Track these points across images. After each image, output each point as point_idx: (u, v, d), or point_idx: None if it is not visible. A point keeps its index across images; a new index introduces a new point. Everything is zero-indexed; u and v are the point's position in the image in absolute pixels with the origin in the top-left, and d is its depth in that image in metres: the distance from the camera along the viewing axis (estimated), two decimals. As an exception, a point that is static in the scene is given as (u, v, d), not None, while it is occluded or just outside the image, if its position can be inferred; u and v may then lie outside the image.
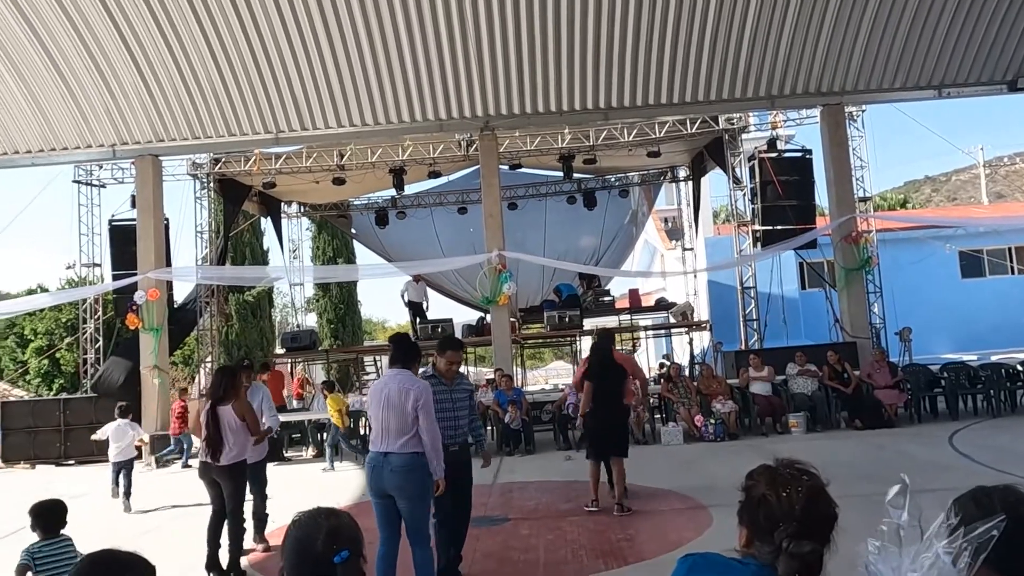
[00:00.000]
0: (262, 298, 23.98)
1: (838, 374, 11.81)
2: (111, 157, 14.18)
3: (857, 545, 1.43)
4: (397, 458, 4.46)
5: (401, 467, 4.45)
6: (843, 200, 13.63)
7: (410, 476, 4.46)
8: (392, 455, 4.47)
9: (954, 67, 12.87)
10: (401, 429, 4.47)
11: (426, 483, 4.53)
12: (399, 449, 4.46)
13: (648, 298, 21.73)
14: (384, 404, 4.52)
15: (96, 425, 13.94)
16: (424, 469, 4.49)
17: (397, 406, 4.47)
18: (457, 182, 19.36)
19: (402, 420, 4.47)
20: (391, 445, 4.48)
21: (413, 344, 5.02)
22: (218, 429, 5.76)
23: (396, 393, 4.51)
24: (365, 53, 12.12)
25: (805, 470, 1.59)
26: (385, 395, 4.55)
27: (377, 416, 4.58)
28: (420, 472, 4.48)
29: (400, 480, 4.45)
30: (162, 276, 13.95)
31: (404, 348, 4.82)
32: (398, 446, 4.46)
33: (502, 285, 13.30)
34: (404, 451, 4.45)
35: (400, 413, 4.46)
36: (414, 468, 4.46)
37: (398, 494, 4.48)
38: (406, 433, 4.46)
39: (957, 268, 21.58)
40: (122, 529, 7.47)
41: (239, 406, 5.86)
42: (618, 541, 6.06)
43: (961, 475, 7.06)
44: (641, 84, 12.92)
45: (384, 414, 4.52)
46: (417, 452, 4.47)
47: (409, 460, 4.45)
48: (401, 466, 4.45)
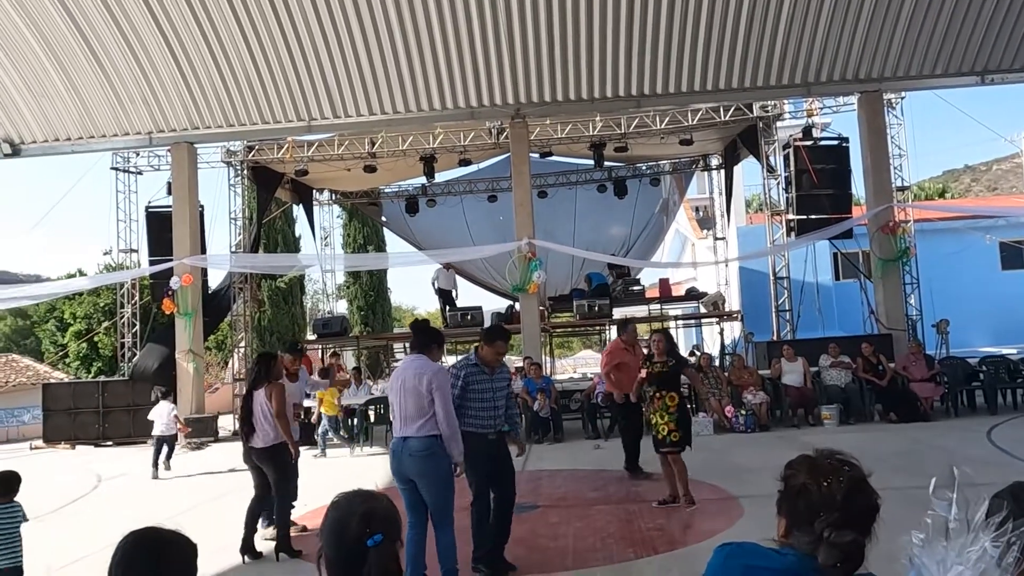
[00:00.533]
0: (294, 285, 24.27)
1: (872, 366, 11.62)
2: (148, 144, 14.42)
3: (895, 538, 1.41)
4: (416, 442, 4.48)
5: (419, 451, 4.47)
6: (880, 189, 13.36)
7: (429, 460, 4.48)
8: (411, 439, 4.50)
9: (998, 52, 12.50)
10: (418, 413, 4.49)
11: (446, 466, 4.54)
12: (416, 433, 4.49)
13: (678, 288, 21.56)
14: (400, 389, 4.58)
15: (133, 407, 14.34)
16: (443, 452, 4.51)
17: (413, 390, 4.51)
18: (487, 170, 19.34)
19: (418, 404, 4.50)
20: (409, 429, 4.52)
21: (432, 330, 5.06)
22: (249, 413, 5.90)
23: (412, 377, 4.55)
24: (397, 41, 12.14)
25: (846, 460, 1.57)
26: (401, 380, 4.61)
27: (396, 402, 4.63)
28: (439, 456, 4.49)
29: (419, 464, 4.48)
30: (197, 263, 14.19)
31: (423, 334, 4.86)
32: (415, 429, 4.49)
33: (532, 273, 13.29)
34: (421, 434, 4.48)
35: (416, 397, 4.50)
36: (433, 452, 4.48)
37: (418, 478, 4.50)
38: (423, 416, 4.49)
39: (997, 259, 21.06)
40: (161, 508, 7.65)
41: (270, 389, 5.93)
42: (648, 531, 6.05)
43: (1001, 471, 6.91)
44: (674, 71, 12.76)
45: (401, 399, 4.58)
46: (435, 435, 4.48)
47: (427, 443, 4.47)
48: (419, 450, 4.47)
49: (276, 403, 5.91)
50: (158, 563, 1.70)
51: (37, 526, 7.34)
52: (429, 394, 4.47)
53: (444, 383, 4.57)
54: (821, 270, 16.95)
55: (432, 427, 4.49)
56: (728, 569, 1.61)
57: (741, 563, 1.60)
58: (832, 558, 1.49)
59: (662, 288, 19.06)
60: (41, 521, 7.60)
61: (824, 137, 14.88)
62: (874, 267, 13.49)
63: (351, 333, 18.96)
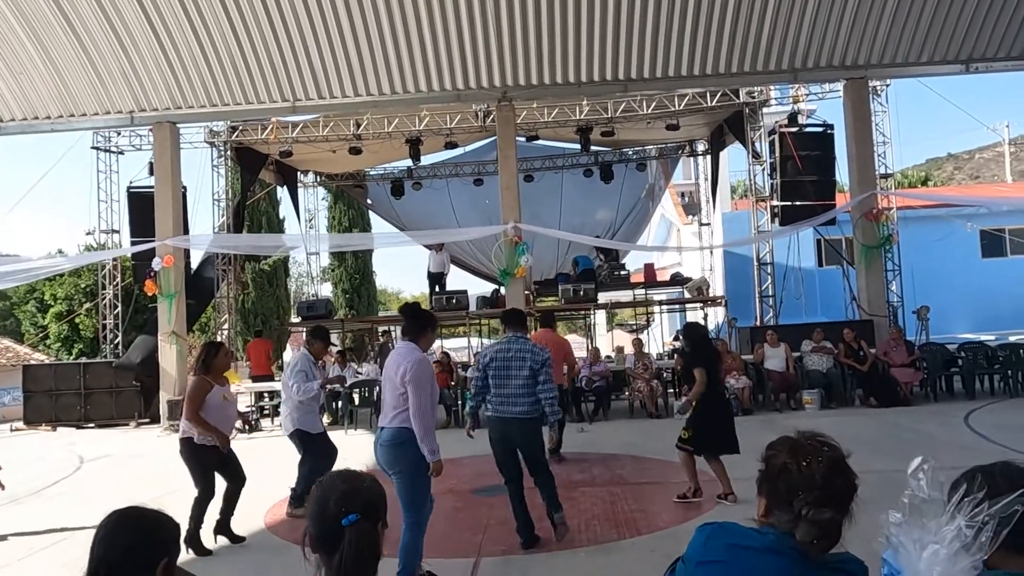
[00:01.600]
0: (278, 267, 24.15)
1: (854, 352, 11.75)
2: (129, 124, 14.22)
3: (874, 519, 1.43)
4: (386, 432, 4.37)
5: (388, 441, 4.35)
6: (864, 176, 13.45)
7: (395, 450, 4.33)
8: (384, 429, 4.39)
9: (983, 41, 12.57)
10: (394, 403, 4.35)
11: (414, 459, 4.30)
12: (388, 423, 4.37)
13: (663, 273, 21.63)
14: (384, 378, 4.50)
15: (116, 389, 14.26)
16: (413, 444, 4.29)
17: (390, 379, 4.39)
18: (473, 153, 19.27)
19: (394, 394, 4.35)
20: (384, 419, 4.42)
21: (423, 313, 4.80)
22: None
23: (392, 367, 4.39)
24: (383, 21, 12.02)
25: (826, 442, 1.60)
26: (387, 368, 4.49)
27: (382, 391, 4.59)
28: (406, 447, 4.30)
29: (386, 454, 4.36)
30: (179, 244, 14.05)
31: (413, 318, 4.61)
32: (388, 420, 4.38)
33: (519, 257, 13.29)
34: (392, 425, 4.35)
35: (392, 387, 4.35)
36: (400, 443, 4.31)
37: (388, 469, 4.37)
38: (398, 407, 4.33)
39: (978, 247, 21.31)
40: (145, 489, 7.62)
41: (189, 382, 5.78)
42: (632, 512, 6.11)
43: (977, 454, 7.03)
44: (661, 55, 12.73)
45: (384, 387, 4.52)
46: (404, 427, 4.30)
47: (395, 434, 4.33)
48: (388, 440, 4.35)
49: (185, 402, 5.57)
50: (141, 541, 1.71)
51: (18, 508, 7.31)
52: (403, 386, 4.27)
53: (419, 376, 4.29)
54: (804, 256, 17.06)
55: (403, 419, 4.31)
56: (710, 548, 1.63)
57: (723, 542, 1.62)
58: (810, 535, 1.52)
59: (647, 273, 19.12)
60: (21, 503, 7.56)
61: (809, 124, 14.93)
62: (857, 254, 13.61)
63: (336, 316, 18.89)
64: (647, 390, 11.72)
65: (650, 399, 11.66)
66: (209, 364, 5.63)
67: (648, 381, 11.83)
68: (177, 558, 1.79)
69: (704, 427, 6.23)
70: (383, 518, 1.75)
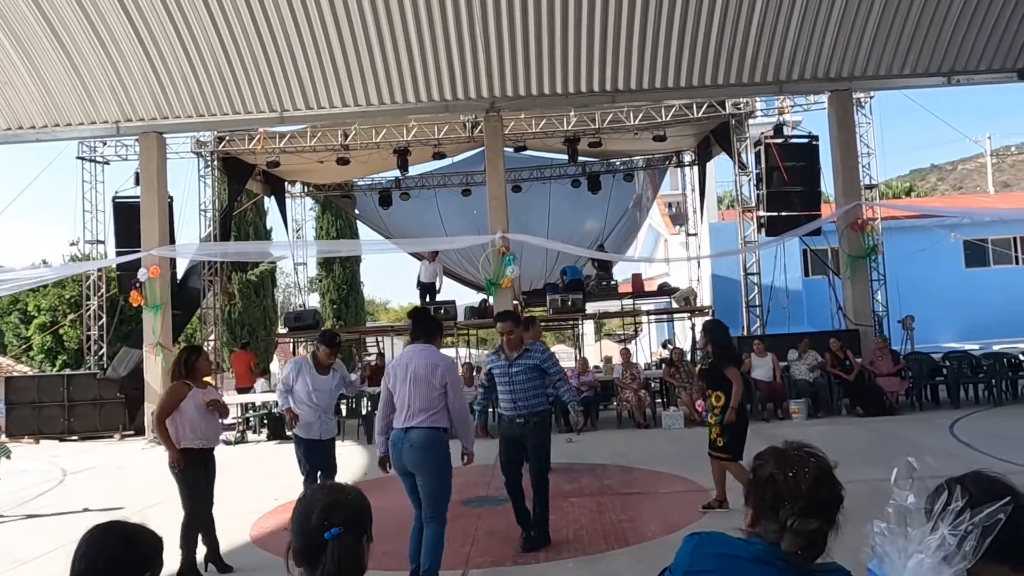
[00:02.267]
0: (265, 277, 24.01)
1: (840, 361, 11.82)
2: (115, 134, 14.13)
3: (860, 528, 1.44)
4: (417, 433, 4.43)
5: (420, 441, 4.43)
6: (849, 187, 13.57)
7: (429, 451, 4.44)
8: (413, 430, 4.45)
9: (964, 53, 12.75)
10: (426, 405, 4.44)
11: (444, 460, 4.47)
12: (419, 424, 4.44)
13: (651, 283, 21.70)
14: (411, 380, 4.49)
15: (100, 401, 14.12)
16: (444, 445, 4.46)
17: (424, 381, 4.46)
18: (461, 164, 19.29)
19: (429, 395, 4.45)
20: (412, 420, 4.46)
21: (433, 318, 5.08)
22: None
23: (423, 368, 4.48)
24: (371, 32, 12.04)
25: (813, 452, 1.60)
26: (412, 371, 4.49)
27: (400, 392, 4.52)
28: (439, 448, 4.45)
29: (418, 455, 4.44)
30: (165, 253, 13.96)
31: (425, 323, 4.82)
32: (418, 421, 4.44)
33: (505, 268, 13.29)
34: (424, 426, 4.44)
35: (428, 388, 4.44)
36: (435, 443, 4.45)
37: (416, 469, 4.46)
38: (431, 409, 4.45)
39: (961, 257, 21.54)
40: (129, 502, 7.53)
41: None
42: (620, 522, 6.10)
43: (963, 463, 7.06)
44: (648, 67, 12.82)
45: (409, 389, 4.49)
46: (438, 427, 4.46)
47: (429, 435, 4.44)
48: (420, 440, 4.43)
49: (156, 408, 5.32)
50: (123, 555, 1.69)
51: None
52: (442, 387, 4.44)
53: (457, 376, 4.61)
54: (791, 266, 17.18)
55: (438, 419, 4.46)
56: (697, 558, 1.63)
57: (711, 552, 1.62)
58: (795, 545, 1.52)
59: (635, 283, 19.17)
60: (2, 517, 7.46)
61: (795, 135, 15.07)
62: (842, 264, 13.71)
63: (323, 326, 18.80)
64: (635, 400, 11.73)
65: (638, 409, 11.67)
66: (192, 367, 5.33)
67: (636, 391, 11.84)
68: (160, 572, 1.77)
69: (740, 430, 5.99)
70: (368, 532, 1.73)
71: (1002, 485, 1.47)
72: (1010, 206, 24.12)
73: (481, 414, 7.07)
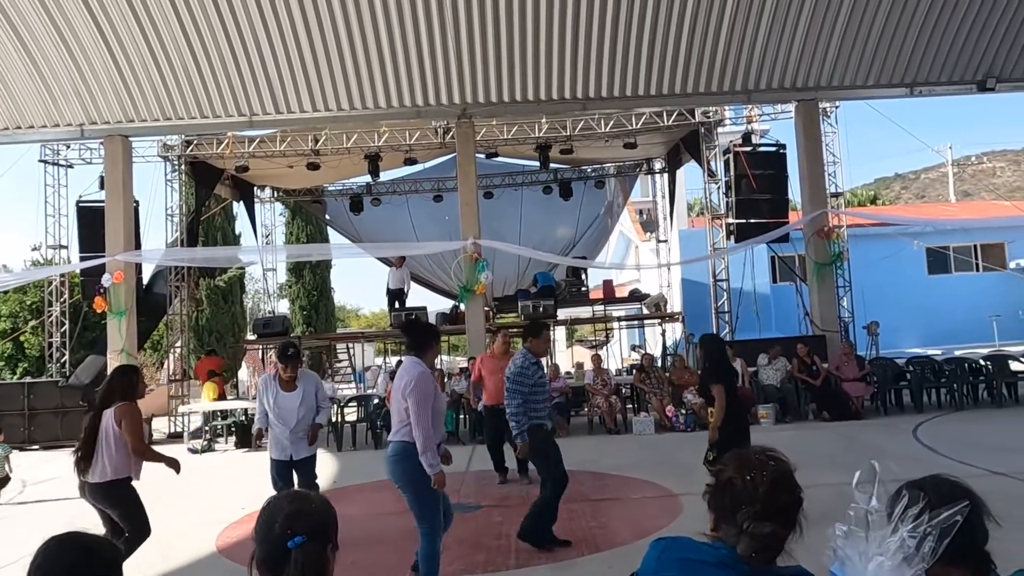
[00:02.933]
0: (234, 283, 23.68)
1: (807, 367, 11.99)
2: (79, 137, 13.87)
3: (825, 532, 1.46)
4: (394, 447, 4.49)
5: (392, 455, 4.47)
6: (815, 195, 13.79)
7: (399, 465, 4.44)
8: (391, 444, 4.53)
9: (926, 66, 13.05)
10: (398, 417, 4.49)
11: (416, 472, 4.37)
12: (394, 437, 4.51)
13: (622, 289, 21.84)
14: (393, 393, 4.62)
15: (62, 410, 13.80)
16: (414, 457, 4.36)
17: (398, 394, 4.51)
18: (433, 169, 19.25)
19: (398, 408, 4.49)
20: (393, 434, 4.55)
21: (424, 326, 5.19)
22: (93, 437, 4.69)
23: (398, 381, 4.56)
24: (341, 36, 11.98)
25: (773, 456, 1.62)
26: (395, 384, 4.64)
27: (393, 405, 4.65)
28: (410, 460, 4.37)
29: (392, 468, 4.49)
30: (131, 259, 13.72)
31: (415, 333, 4.77)
32: (394, 434, 4.52)
33: (478, 274, 13.28)
34: (395, 439, 4.48)
35: (399, 403, 4.49)
36: (404, 457, 4.41)
37: (397, 482, 4.50)
38: (403, 421, 4.45)
39: (924, 264, 22.00)
40: (89, 514, 7.36)
41: (121, 412, 4.70)
42: (591, 528, 6.12)
43: (925, 466, 7.21)
44: (619, 75, 12.93)
45: (393, 404, 4.61)
46: (406, 441, 4.42)
47: (399, 448, 4.44)
48: (392, 454, 4.48)
49: (131, 434, 4.69)
50: (80, 568, 1.65)
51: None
52: (404, 400, 4.41)
53: (421, 391, 4.38)
54: (759, 273, 17.40)
55: (406, 433, 4.43)
56: (663, 563, 1.64)
57: (676, 556, 1.63)
58: (749, 548, 1.54)
59: (606, 290, 19.28)
60: (-41, 529, 7.25)
61: (763, 144, 15.29)
62: (809, 270, 13.92)
63: (293, 333, 18.61)
64: (606, 406, 11.77)
65: (609, 415, 11.71)
66: (137, 388, 4.93)
67: (607, 397, 11.89)
68: (119, 585, 1.73)
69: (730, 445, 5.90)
70: (333, 541, 1.71)
71: (960, 488, 1.50)
72: (971, 215, 24.70)
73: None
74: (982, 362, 12.64)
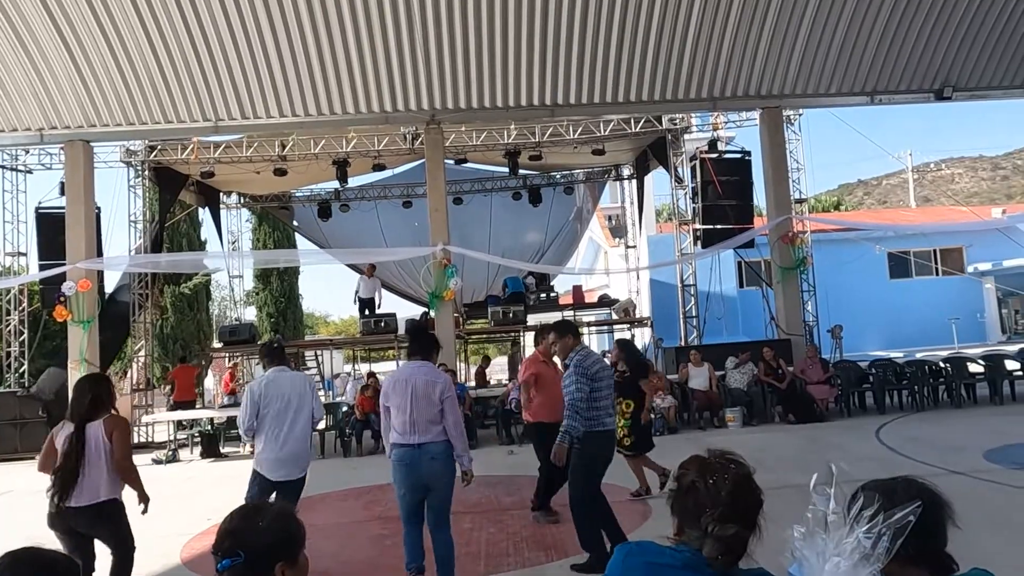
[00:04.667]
0: (199, 291, 23.35)
1: (773, 370, 12.16)
2: (38, 142, 13.57)
3: (786, 532, 1.48)
4: (436, 447, 4.61)
5: (441, 455, 4.61)
6: (780, 201, 14.02)
7: (448, 464, 4.64)
8: (429, 445, 4.59)
9: (885, 75, 13.36)
10: (432, 420, 4.61)
11: (454, 472, 4.73)
12: (434, 439, 4.61)
13: (591, 294, 21.96)
14: (411, 396, 4.61)
15: (20, 421, 13.45)
16: (453, 458, 4.69)
17: (423, 397, 4.61)
18: (402, 175, 19.19)
19: (432, 411, 4.60)
20: (424, 436, 4.59)
21: (430, 335, 5.28)
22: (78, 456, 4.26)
23: (423, 385, 4.64)
24: (309, 42, 11.90)
25: (733, 459, 1.65)
26: (412, 387, 4.63)
27: (404, 408, 4.63)
28: (451, 460, 4.67)
29: (440, 468, 4.61)
30: (92, 266, 13.43)
31: (421, 339, 4.97)
32: (432, 436, 4.61)
33: (448, 280, 13.25)
34: (439, 439, 4.62)
35: (428, 404, 4.60)
36: (447, 456, 4.64)
37: (433, 481, 4.61)
38: (438, 423, 4.61)
39: (886, 269, 22.48)
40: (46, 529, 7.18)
41: (111, 424, 4.36)
42: (560, 534, 6.12)
43: (887, 466, 7.36)
44: (587, 82, 13.03)
45: (411, 406, 4.61)
46: (447, 441, 4.64)
47: (442, 448, 4.62)
48: (440, 454, 4.61)
49: (124, 446, 4.37)
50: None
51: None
52: (440, 403, 4.60)
53: (454, 395, 4.78)
54: (726, 278, 17.63)
55: (441, 432, 4.62)
56: (628, 567, 1.65)
57: (641, 561, 1.65)
58: (715, 550, 1.56)
59: (576, 295, 19.39)
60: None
61: (728, 150, 15.51)
62: (774, 275, 14.13)
63: (260, 341, 18.39)
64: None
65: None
66: (114, 397, 4.59)
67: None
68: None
69: (641, 429, 7.19)
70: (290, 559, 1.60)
71: (914, 488, 1.54)
72: (930, 220, 25.31)
73: None
74: (942, 364, 12.94)
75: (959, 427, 10.25)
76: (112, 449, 4.30)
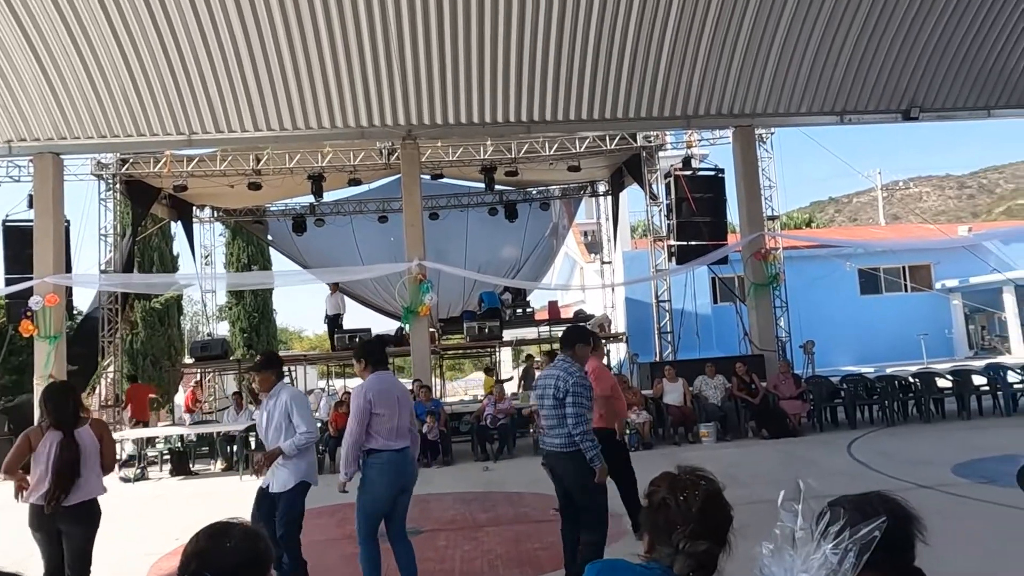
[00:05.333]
0: (171, 305, 22.99)
1: (746, 385, 12.26)
2: (7, 154, 13.32)
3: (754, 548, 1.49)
4: (411, 451, 4.92)
5: (414, 460, 4.97)
6: (753, 218, 14.19)
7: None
8: (407, 449, 4.86)
9: (855, 95, 13.64)
10: (408, 426, 4.92)
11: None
12: (409, 444, 4.89)
13: (567, 310, 22.01)
14: (397, 404, 4.83)
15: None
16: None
17: (405, 406, 4.91)
18: (378, 190, 19.15)
19: (407, 418, 4.92)
20: (405, 441, 4.84)
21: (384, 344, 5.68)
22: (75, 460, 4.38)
23: (404, 394, 5.01)
24: (284, 55, 11.86)
25: (704, 476, 1.66)
26: (396, 396, 4.89)
27: (391, 416, 4.78)
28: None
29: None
30: (61, 281, 13.18)
31: (382, 351, 5.16)
32: (409, 441, 4.89)
33: (423, 295, 13.20)
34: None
35: (405, 412, 4.90)
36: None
37: (411, 484, 4.89)
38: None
39: (856, 285, 22.83)
40: (9, 549, 7.00)
41: (100, 428, 4.62)
42: (535, 550, 6.09)
43: (858, 481, 7.43)
44: (563, 99, 13.13)
45: (399, 413, 4.82)
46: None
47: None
48: (414, 459, 4.97)
49: (112, 447, 4.67)
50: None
51: None
52: (409, 412, 4.99)
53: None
54: (700, 294, 17.78)
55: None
56: (600, 586, 1.65)
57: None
58: (686, 567, 1.57)
59: (551, 311, 19.43)
60: None
61: (702, 168, 15.70)
62: (747, 291, 14.28)
63: (232, 356, 18.16)
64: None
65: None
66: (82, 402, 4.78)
67: (552, 418, 11.90)
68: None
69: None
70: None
71: (884, 503, 1.56)
72: (899, 237, 25.77)
73: None
74: (911, 379, 13.13)
75: (928, 441, 10.40)
76: (102, 450, 4.56)
